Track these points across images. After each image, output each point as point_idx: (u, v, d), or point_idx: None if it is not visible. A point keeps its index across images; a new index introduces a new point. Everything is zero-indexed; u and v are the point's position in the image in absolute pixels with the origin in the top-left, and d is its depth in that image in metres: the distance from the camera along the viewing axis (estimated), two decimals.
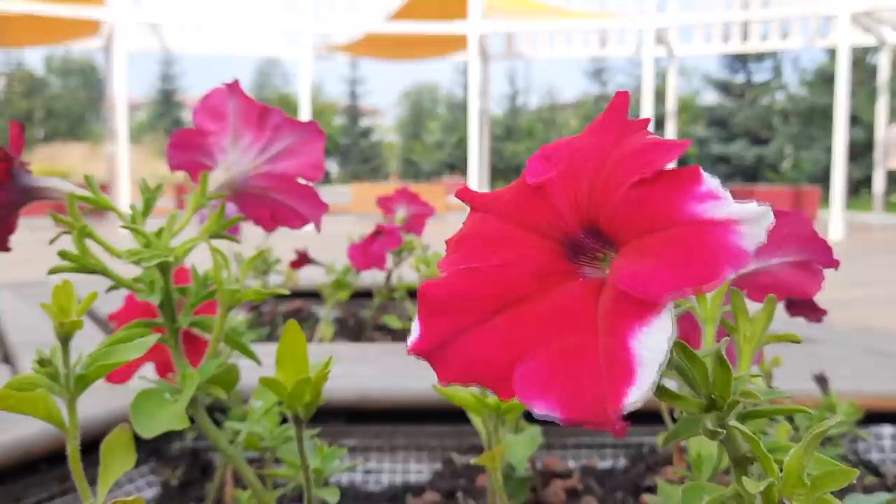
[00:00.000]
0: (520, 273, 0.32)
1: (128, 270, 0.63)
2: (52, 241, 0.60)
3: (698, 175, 0.28)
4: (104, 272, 0.59)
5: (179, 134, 0.70)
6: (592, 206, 0.32)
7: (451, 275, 0.33)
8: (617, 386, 0.26)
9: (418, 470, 0.99)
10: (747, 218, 0.26)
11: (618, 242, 0.30)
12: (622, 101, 0.34)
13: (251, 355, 0.69)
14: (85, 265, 0.58)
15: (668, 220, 0.28)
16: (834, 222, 8.63)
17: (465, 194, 0.37)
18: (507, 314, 0.32)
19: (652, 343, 0.26)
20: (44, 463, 0.82)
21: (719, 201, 0.27)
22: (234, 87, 0.68)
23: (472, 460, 0.58)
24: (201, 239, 0.63)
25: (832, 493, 0.34)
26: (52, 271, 0.57)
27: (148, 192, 0.63)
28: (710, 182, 0.28)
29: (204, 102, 0.70)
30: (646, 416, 0.88)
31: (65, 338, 0.42)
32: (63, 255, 0.57)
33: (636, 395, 0.25)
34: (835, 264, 0.53)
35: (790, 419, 0.84)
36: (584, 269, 0.33)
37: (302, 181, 0.70)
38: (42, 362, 0.41)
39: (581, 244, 0.33)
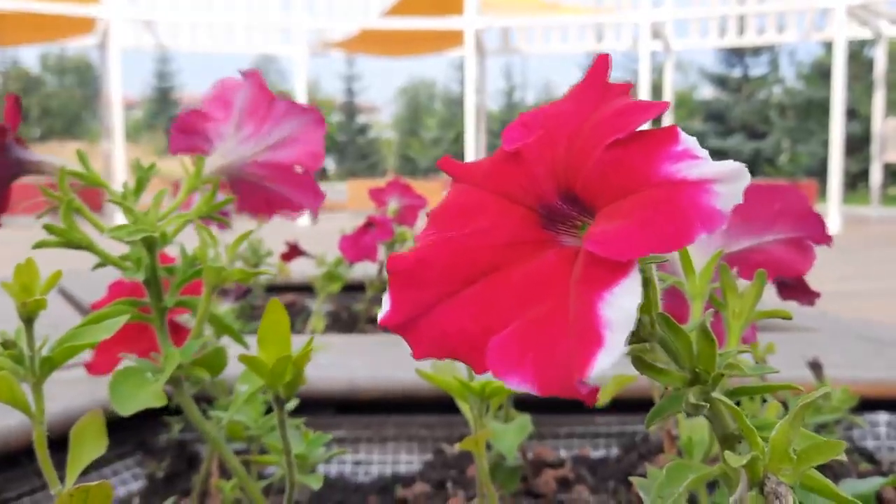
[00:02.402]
0: (493, 241, 0.31)
1: (119, 252, 0.62)
2: (40, 216, 0.59)
3: (675, 134, 0.27)
4: (90, 247, 0.57)
5: (183, 117, 0.70)
6: (569, 170, 0.30)
7: (421, 245, 0.32)
8: (584, 351, 0.24)
9: (408, 461, 0.98)
10: (722, 177, 0.25)
11: (594, 207, 0.29)
12: (602, 65, 0.32)
13: (238, 338, 0.67)
14: (71, 239, 0.56)
15: (643, 180, 0.26)
16: (831, 216, 8.64)
17: (446, 164, 0.35)
18: (481, 284, 0.30)
19: (620, 304, 0.25)
20: (24, 456, 0.81)
21: (695, 161, 0.26)
22: (251, 75, 0.68)
23: (457, 445, 0.57)
24: (191, 218, 0.62)
25: (827, 477, 0.33)
26: (37, 246, 0.55)
27: (141, 170, 0.62)
28: (687, 141, 0.27)
29: (217, 90, 0.70)
30: (638, 404, 0.87)
31: (28, 318, 0.40)
32: (49, 228, 0.55)
33: (606, 360, 0.24)
34: (828, 240, 0.52)
35: (784, 406, 0.83)
36: (562, 238, 0.31)
37: (300, 170, 0.69)
38: (5, 344, 0.40)
39: (558, 211, 0.31)
